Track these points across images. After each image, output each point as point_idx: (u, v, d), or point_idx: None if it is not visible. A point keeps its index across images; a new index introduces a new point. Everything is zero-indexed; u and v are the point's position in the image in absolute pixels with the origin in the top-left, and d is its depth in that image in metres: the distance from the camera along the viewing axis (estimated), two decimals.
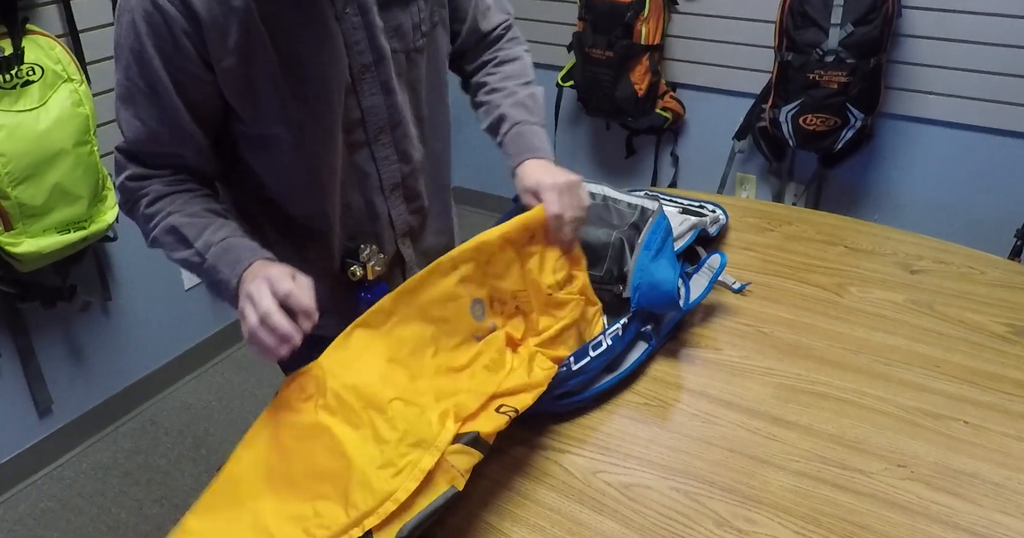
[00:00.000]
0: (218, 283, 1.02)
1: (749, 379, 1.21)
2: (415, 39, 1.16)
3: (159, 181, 1.08)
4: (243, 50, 1.00)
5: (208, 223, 1.05)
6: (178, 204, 1.07)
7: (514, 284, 1.13)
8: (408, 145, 1.21)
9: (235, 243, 1.03)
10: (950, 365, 1.25)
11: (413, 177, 1.24)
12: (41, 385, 2.14)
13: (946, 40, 2.34)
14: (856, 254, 1.57)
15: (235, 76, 1.01)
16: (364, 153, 1.16)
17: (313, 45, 1.04)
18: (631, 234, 1.34)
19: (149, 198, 1.07)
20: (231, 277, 0.99)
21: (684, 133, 2.90)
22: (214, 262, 1.01)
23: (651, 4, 2.54)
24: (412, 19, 1.14)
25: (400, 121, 1.18)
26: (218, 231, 1.04)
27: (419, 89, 1.20)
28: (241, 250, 1.02)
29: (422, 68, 1.19)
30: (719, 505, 0.99)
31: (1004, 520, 0.96)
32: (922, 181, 2.56)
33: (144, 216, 1.08)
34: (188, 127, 1.04)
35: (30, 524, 2.06)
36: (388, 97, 1.14)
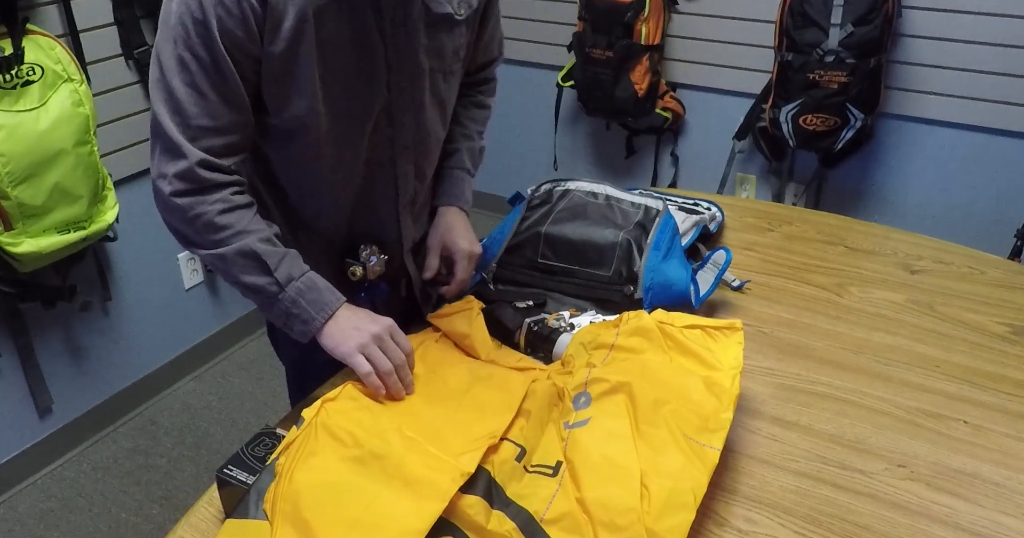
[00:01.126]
0: (293, 316, 1.06)
1: (749, 379, 1.21)
2: (452, 62, 1.17)
3: (229, 190, 1.05)
4: (292, 39, 0.99)
5: (283, 252, 1.07)
6: (248, 222, 1.06)
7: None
8: (426, 163, 1.23)
9: (317, 282, 1.08)
10: (950, 365, 1.25)
11: (424, 195, 1.27)
12: (41, 385, 2.14)
13: (946, 40, 2.34)
14: (856, 254, 1.57)
15: (279, 62, 1.01)
16: (387, 167, 1.17)
17: (353, 54, 1.05)
18: (638, 234, 1.34)
19: (221, 207, 1.04)
20: (317, 318, 1.06)
21: (684, 133, 2.90)
22: (295, 296, 1.06)
23: (651, 4, 2.54)
24: (454, 42, 1.15)
25: (424, 139, 1.19)
26: (295, 262, 1.07)
27: (444, 111, 1.22)
28: (324, 292, 1.07)
29: (451, 91, 1.22)
30: (719, 505, 0.99)
31: (1004, 520, 0.96)
32: (922, 181, 2.56)
33: (211, 225, 1.04)
34: (243, 102, 1.02)
35: (30, 524, 2.06)
36: (419, 115, 1.15)
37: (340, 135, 1.09)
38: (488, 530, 0.88)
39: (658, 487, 0.89)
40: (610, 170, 3.11)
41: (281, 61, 1.00)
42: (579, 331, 1.19)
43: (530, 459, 0.98)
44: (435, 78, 1.15)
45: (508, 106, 3.21)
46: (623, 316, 1.15)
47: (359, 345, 1.05)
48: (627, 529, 0.86)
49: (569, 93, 2.88)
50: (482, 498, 0.90)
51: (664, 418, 0.98)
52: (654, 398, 1.00)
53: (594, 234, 1.34)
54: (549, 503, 0.90)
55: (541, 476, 0.94)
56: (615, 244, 1.32)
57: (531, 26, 2.99)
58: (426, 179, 1.25)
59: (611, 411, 1.00)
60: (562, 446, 0.97)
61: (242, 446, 0.99)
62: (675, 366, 1.07)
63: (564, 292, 1.35)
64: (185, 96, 0.99)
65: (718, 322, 1.12)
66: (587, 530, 0.87)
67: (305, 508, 0.87)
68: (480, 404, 1.06)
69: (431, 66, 1.13)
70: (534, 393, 1.05)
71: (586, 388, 1.03)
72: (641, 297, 1.28)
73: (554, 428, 1.01)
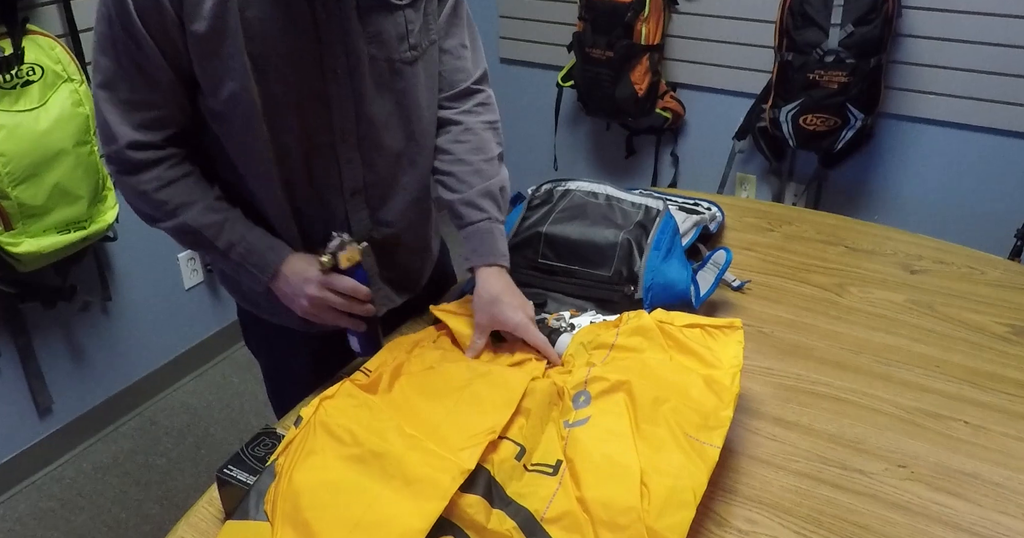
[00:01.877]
0: (245, 274, 1.15)
1: (749, 379, 1.21)
2: (401, 50, 1.13)
3: (163, 166, 1.09)
4: (214, 18, 0.99)
5: (222, 220, 1.12)
6: (185, 194, 1.10)
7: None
8: (377, 154, 1.18)
9: (256, 245, 1.14)
10: (950, 365, 1.25)
11: (381, 187, 1.21)
12: (41, 385, 2.14)
13: (946, 40, 2.34)
14: (856, 254, 1.57)
15: (202, 42, 1.00)
16: (328, 152, 1.14)
17: (285, 37, 1.04)
18: (638, 234, 1.34)
19: (156, 185, 1.09)
20: (262, 279, 1.14)
21: (684, 133, 2.90)
22: (239, 261, 1.13)
23: (651, 4, 2.54)
24: (397, 29, 1.12)
25: (369, 128, 1.15)
26: (234, 228, 1.13)
27: (407, 103, 1.17)
28: (265, 254, 1.14)
29: (412, 82, 1.16)
30: (719, 505, 0.99)
31: (1004, 520, 0.97)
32: (922, 181, 2.56)
33: (152, 201, 1.10)
34: (169, 77, 1.03)
35: (30, 524, 2.06)
36: (360, 103, 1.13)
37: (276, 117, 1.08)
38: (488, 529, 0.88)
39: (658, 485, 0.89)
40: (610, 170, 3.11)
41: (205, 41, 1.00)
42: (579, 331, 1.19)
43: (530, 458, 0.98)
44: (378, 66, 1.12)
45: (508, 106, 3.21)
46: (623, 316, 1.15)
47: (303, 313, 1.14)
48: (627, 528, 0.86)
49: (569, 93, 2.88)
50: (482, 497, 0.90)
51: (664, 416, 0.98)
52: (654, 396, 1.00)
53: (594, 234, 1.34)
54: (549, 502, 0.90)
55: (541, 475, 0.95)
56: (615, 244, 1.32)
57: (531, 26, 2.99)
58: (379, 171, 1.20)
59: (611, 410, 1.00)
60: (562, 445, 0.97)
61: (242, 446, 0.99)
62: (675, 364, 1.07)
63: (564, 292, 1.34)
64: (113, 72, 1.03)
65: (718, 321, 1.12)
66: (587, 529, 0.87)
67: (305, 508, 0.87)
68: (479, 400, 1.06)
69: (372, 53, 1.11)
70: (534, 392, 1.05)
71: (586, 387, 1.03)
72: (641, 297, 1.28)
73: (554, 427, 1.01)
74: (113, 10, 0.98)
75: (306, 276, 1.12)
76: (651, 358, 1.08)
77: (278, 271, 1.13)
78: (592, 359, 1.10)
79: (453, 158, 1.25)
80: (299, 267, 1.13)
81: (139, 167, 1.07)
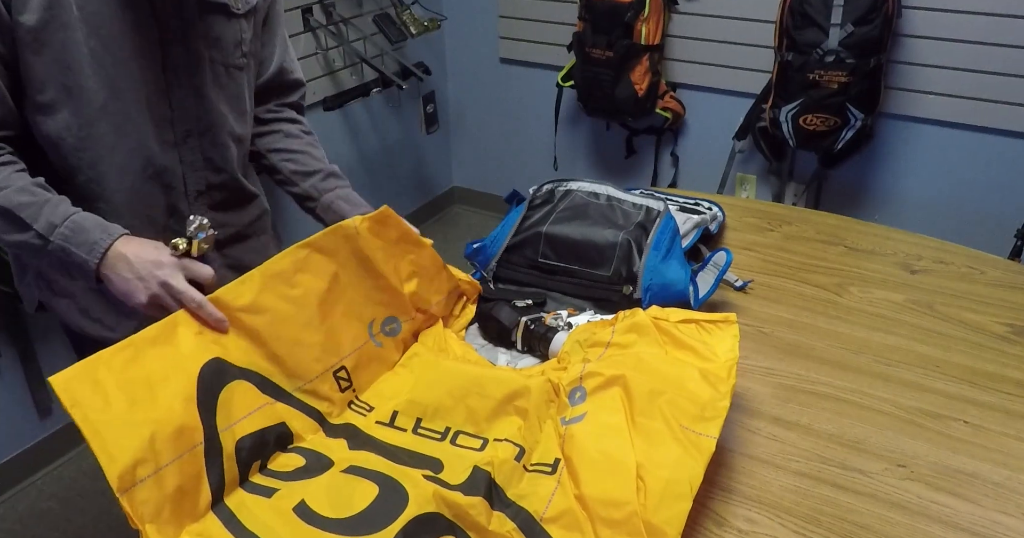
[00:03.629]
0: (71, 264, 1.01)
1: (749, 379, 1.21)
2: (236, 55, 1.17)
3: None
4: (46, 10, 0.98)
5: (42, 201, 1.00)
6: (1, 179, 1.00)
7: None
8: (218, 155, 1.20)
9: (83, 223, 1.01)
10: (950, 365, 1.25)
11: (223, 190, 1.24)
12: (41, 385, 2.14)
13: (946, 40, 2.34)
14: (856, 254, 1.57)
15: (32, 34, 0.98)
16: (172, 153, 1.15)
17: (126, 33, 1.04)
18: (638, 234, 1.34)
19: None
20: (89, 260, 1.00)
21: (684, 133, 2.90)
22: (63, 244, 1.00)
23: (651, 4, 2.54)
24: (234, 36, 1.16)
25: (210, 128, 1.17)
26: (56, 209, 1.01)
27: (238, 108, 1.21)
28: (92, 231, 1.01)
29: (243, 88, 1.21)
30: (719, 505, 0.99)
31: (1004, 520, 0.97)
32: (922, 181, 2.56)
33: None
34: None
35: (30, 524, 2.06)
36: (201, 102, 1.15)
37: (117, 112, 1.07)
38: (489, 530, 0.88)
39: (654, 479, 0.90)
40: (610, 170, 3.11)
41: (35, 32, 0.98)
42: (575, 329, 1.20)
43: (529, 458, 0.98)
44: (216, 69, 1.15)
45: (508, 106, 3.21)
46: (619, 314, 1.16)
47: (151, 297, 0.99)
48: (624, 523, 0.86)
49: (569, 93, 2.88)
50: (483, 499, 0.90)
51: (659, 409, 0.98)
52: (649, 389, 1.00)
53: (594, 234, 1.34)
54: (548, 501, 0.90)
55: (540, 475, 0.95)
56: (615, 244, 1.32)
57: (531, 26, 2.99)
58: (222, 172, 1.21)
59: (606, 405, 1.00)
60: (559, 443, 0.97)
61: None
62: (670, 358, 1.07)
63: (564, 291, 1.35)
64: None
65: (712, 316, 1.13)
66: (587, 527, 0.87)
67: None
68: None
69: (211, 56, 1.14)
70: (530, 392, 1.06)
71: (581, 382, 1.04)
72: (640, 297, 1.28)
73: (551, 425, 1.01)
74: None
75: (157, 260, 0.99)
76: (646, 352, 1.08)
77: (112, 252, 0.99)
78: (588, 356, 1.10)
79: (305, 142, 1.32)
80: (144, 251, 1.00)
81: None
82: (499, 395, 1.06)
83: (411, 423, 1.06)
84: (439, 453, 1.00)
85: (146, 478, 0.86)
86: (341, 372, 1.11)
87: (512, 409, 1.05)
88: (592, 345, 1.12)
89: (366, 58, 2.74)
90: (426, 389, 1.08)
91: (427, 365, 1.12)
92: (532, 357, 1.23)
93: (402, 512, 0.87)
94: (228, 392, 0.96)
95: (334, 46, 2.65)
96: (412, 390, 1.09)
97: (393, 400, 1.09)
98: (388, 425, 1.06)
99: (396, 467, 0.96)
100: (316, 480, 0.94)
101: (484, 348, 1.27)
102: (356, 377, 1.12)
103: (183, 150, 1.16)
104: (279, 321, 1.04)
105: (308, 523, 0.86)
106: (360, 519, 0.87)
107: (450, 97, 3.34)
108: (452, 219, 3.49)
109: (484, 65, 3.18)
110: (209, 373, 0.95)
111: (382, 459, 0.98)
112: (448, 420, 1.06)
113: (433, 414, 1.06)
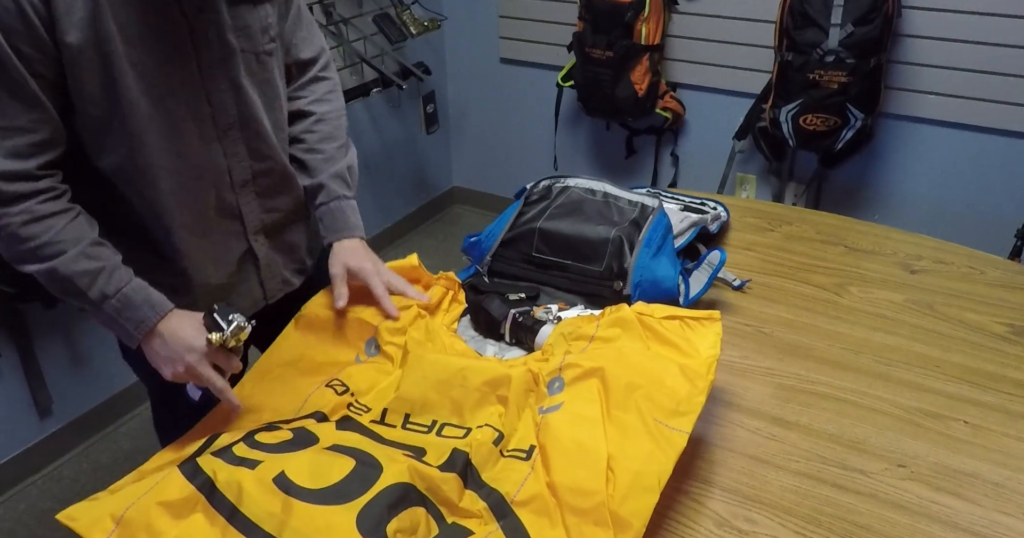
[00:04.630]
0: (115, 328, 1.09)
1: (749, 379, 1.21)
2: (263, 42, 1.17)
3: (35, 200, 1.02)
4: (88, 27, 0.99)
5: (96, 270, 1.05)
6: (56, 232, 1.03)
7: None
8: (260, 144, 1.21)
9: (133, 298, 1.07)
10: (950, 365, 1.25)
11: (268, 176, 1.25)
12: (41, 385, 2.14)
13: (946, 40, 2.34)
14: (856, 254, 1.57)
15: (76, 51, 0.99)
16: (215, 148, 1.16)
17: (160, 37, 1.05)
18: (631, 231, 1.34)
19: (24, 219, 1.02)
20: (135, 335, 1.08)
21: (684, 133, 2.90)
22: (113, 315, 1.07)
23: (651, 4, 2.54)
24: (260, 22, 1.16)
25: (251, 119, 1.18)
26: (110, 279, 1.06)
27: (269, 93, 1.21)
28: (141, 308, 1.08)
29: (273, 73, 1.21)
30: (719, 505, 0.99)
31: (1004, 520, 0.97)
32: (922, 181, 2.56)
33: (16, 237, 1.02)
34: (37, 97, 0.99)
35: (30, 524, 2.06)
36: (237, 94, 1.15)
37: (162, 117, 1.08)
38: (460, 507, 0.90)
39: (624, 470, 0.91)
40: (610, 170, 3.11)
41: (80, 50, 0.99)
42: (561, 322, 1.21)
43: (507, 444, 1.00)
44: (248, 59, 1.15)
45: (508, 106, 3.21)
46: (606, 310, 1.16)
47: (173, 374, 1.09)
48: (592, 512, 0.87)
49: (569, 93, 2.88)
50: (458, 476, 0.92)
51: (635, 403, 0.99)
52: (626, 382, 1.01)
53: (588, 230, 1.35)
54: (520, 485, 0.92)
55: (515, 460, 0.97)
56: (608, 240, 1.32)
57: (531, 26, 2.99)
58: (266, 160, 1.23)
59: (583, 396, 1.01)
60: (535, 431, 0.98)
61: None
62: (651, 353, 1.08)
63: (556, 286, 1.36)
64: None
65: (696, 313, 1.13)
66: (555, 513, 0.89)
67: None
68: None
69: (241, 46, 1.14)
70: (511, 381, 1.07)
71: (560, 373, 1.05)
72: (629, 293, 1.29)
73: (529, 413, 1.03)
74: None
75: (191, 346, 1.07)
76: (627, 347, 1.09)
77: (155, 330, 1.08)
78: (571, 349, 1.11)
79: (307, 147, 1.30)
80: (184, 332, 1.08)
81: (8, 200, 1.00)
82: (481, 384, 1.07)
83: (400, 420, 1.07)
84: (424, 443, 1.02)
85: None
86: (334, 381, 1.14)
87: (494, 398, 1.07)
88: (576, 338, 1.13)
89: (366, 58, 2.74)
90: (412, 385, 1.09)
91: (414, 360, 1.13)
92: (520, 349, 1.24)
93: (375, 482, 0.88)
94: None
95: (334, 46, 2.65)
96: (400, 387, 1.10)
97: (384, 399, 1.11)
98: (379, 423, 1.08)
99: (376, 445, 0.98)
100: (299, 454, 0.95)
101: (474, 340, 1.28)
102: (352, 384, 1.14)
103: (225, 143, 1.17)
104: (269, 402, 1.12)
105: (284, 492, 0.87)
106: (334, 489, 0.88)
107: (450, 97, 3.34)
108: (452, 219, 3.48)
109: (484, 65, 3.18)
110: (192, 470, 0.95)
111: (365, 439, 1.01)
112: (434, 413, 1.07)
113: (420, 409, 1.08)
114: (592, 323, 1.15)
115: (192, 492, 0.90)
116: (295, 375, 1.16)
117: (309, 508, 0.85)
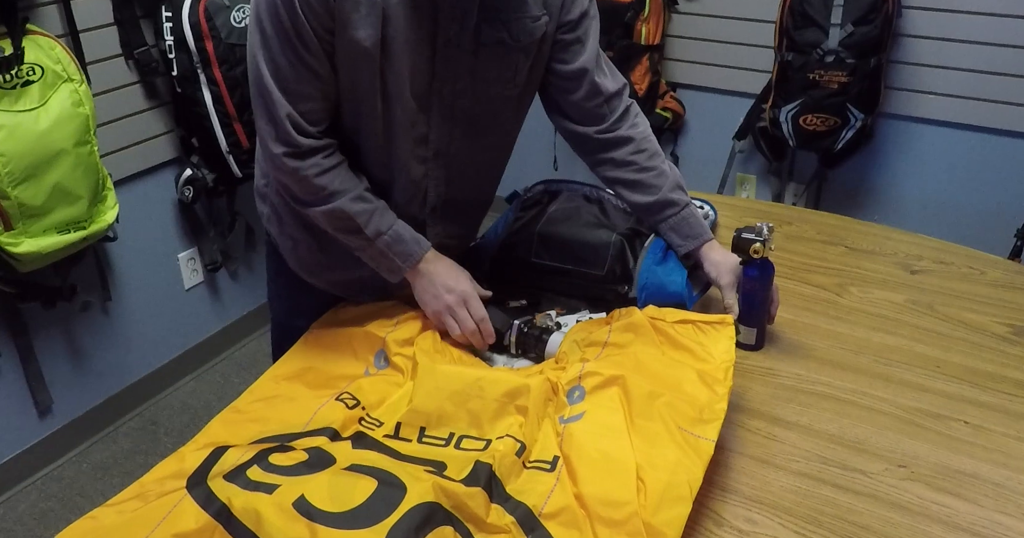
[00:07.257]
0: (382, 263, 1.23)
1: (749, 379, 1.21)
2: (504, 89, 1.21)
3: (321, 154, 1.16)
4: (363, 28, 1.07)
5: (371, 209, 1.19)
6: (340, 181, 1.17)
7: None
8: (459, 176, 1.26)
9: (403, 234, 1.21)
10: (950, 365, 1.25)
11: (455, 206, 1.30)
12: (41, 385, 2.14)
13: (946, 40, 2.34)
14: (856, 254, 1.57)
15: (347, 44, 1.08)
16: (421, 168, 1.22)
17: (410, 56, 1.11)
18: (631, 234, 1.34)
19: (316, 171, 1.15)
20: (403, 267, 1.22)
21: (684, 133, 2.90)
22: (383, 249, 1.20)
23: (651, 4, 2.54)
24: (507, 71, 1.19)
25: (458, 152, 1.23)
26: (383, 218, 1.20)
27: (495, 136, 1.28)
28: (409, 244, 1.22)
29: (506, 110, 1.26)
30: (719, 505, 0.99)
31: (1004, 520, 0.97)
32: (922, 181, 2.56)
33: (312, 186, 1.16)
34: (328, 71, 1.11)
35: (30, 524, 2.06)
36: (454, 127, 1.21)
37: (387, 127, 1.17)
38: (488, 523, 0.88)
39: (654, 480, 0.90)
40: None
41: (350, 44, 1.08)
42: (571, 329, 1.20)
43: (529, 455, 0.98)
44: (479, 97, 1.19)
45: None
46: (614, 313, 1.16)
47: (433, 313, 1.22)
48: (624, 524, 0.86)
49: None
50: (483, 490, 0.90)
51: (658, 411, 0.98)
52: (648, 391, 1.00)
53: (587, 234, 1.35)
54: (547, 498, 0.91)
55: (539, 471, 0.95)
56: (609, 243, 1.32)
57: None
58: (458, 190, 1.28)
59: (605, 405, 1.00)
60: (558, 441, 0.97)
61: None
62: (668, 359, 1.07)
63: (557, 291, 1.35)
64: (281, 65, 1.09)
65: (709, 317, 1.13)
66: (585, 525, 0.87)
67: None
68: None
69: (474, 89, 1.18)
70: (529, 390, 1.06)
71: (580, 382, 1.04)
72: (635, 296, 1.29)
73: (549, 423, 1.01)
74: (283, 9, 1.05)
75: (452, 287, 1.21)
76: (644, 353, 1.08)
77: (418, 269, 1.22)
78: (586, 356, 1.10)
79: (639, 167, 1.33)
80: (450, 274, 1.22)
81: (306, 153, 1.14)
82: (499, 395, 1.06)
83: (415, 433, 1.05)
84: (443, 457, 1.00)
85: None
86: (344, 395, 1.12)
87: (513, 408, 1.05)
88: (589, 344, 1.12)
89: None
90: (426, 397, 1.07)
91: (425, 372, 1.11)
92: (527, 359, 1.23)
93: (400, 503, 0.86)
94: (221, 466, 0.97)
95: None
96: (413, 399, 1.08)
97: (397, 412, 1.09)
98: (393, 437, 1.05)
99: (396, 463, 0.96)
100: (317, 476, 0.93)
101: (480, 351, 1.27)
102: (362, 398, 1.12)
103: (430, 166, 1.23)
104: (275, 414, 1.11)
105: (306, 517, 0.85)
106: (358, 512, 0.86)
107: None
108: None
109: None
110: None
111: (384, 457, 0.98)
112: (451, 426, 1.05)
113: (436, 422, 1.06)
114: (603, 328, 1.14)
115: (208, 521, 0.87)
116: (303, 388, 1.16)
117: (334, 533, 0.83)
